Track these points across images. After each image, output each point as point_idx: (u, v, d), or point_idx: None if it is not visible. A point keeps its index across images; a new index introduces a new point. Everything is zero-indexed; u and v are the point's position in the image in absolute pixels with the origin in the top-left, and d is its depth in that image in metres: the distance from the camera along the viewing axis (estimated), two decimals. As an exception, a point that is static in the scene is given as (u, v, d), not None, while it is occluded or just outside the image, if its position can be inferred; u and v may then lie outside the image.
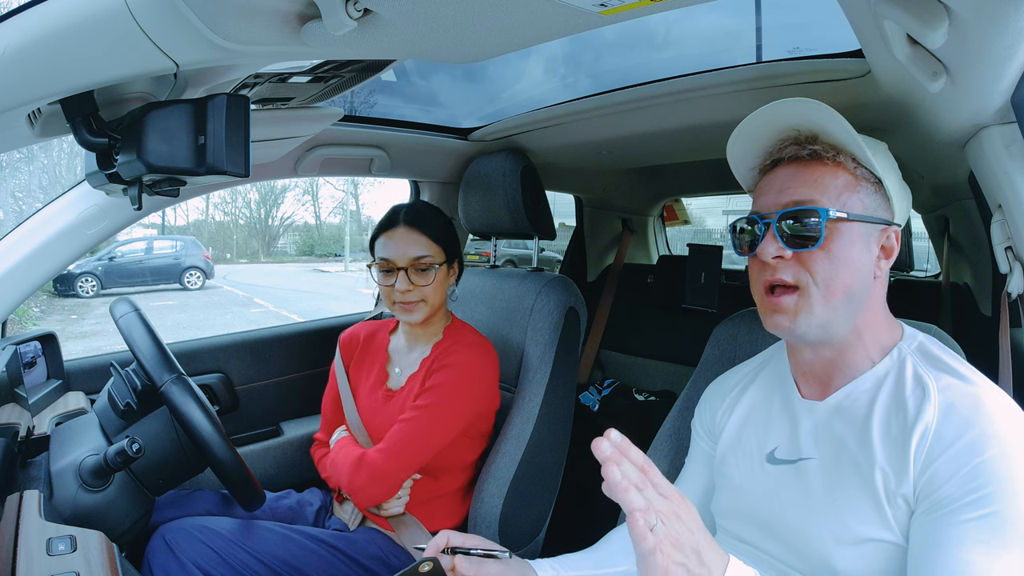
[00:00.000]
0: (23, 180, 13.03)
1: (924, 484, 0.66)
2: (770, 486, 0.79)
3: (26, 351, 1.28)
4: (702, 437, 0.96)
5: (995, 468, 0.62)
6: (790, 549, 0.76)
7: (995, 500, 0.61)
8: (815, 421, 0.78)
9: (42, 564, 0.71)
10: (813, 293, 0.72)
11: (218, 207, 24.92)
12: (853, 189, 0.74)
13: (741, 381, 0.92)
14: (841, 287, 0.72)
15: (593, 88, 1.47)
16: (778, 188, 0.77)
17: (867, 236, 0.74)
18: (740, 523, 0.83)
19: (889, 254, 0.76)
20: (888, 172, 0.77)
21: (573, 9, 0.65)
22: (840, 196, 0.73)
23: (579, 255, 2.62)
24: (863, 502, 0.69)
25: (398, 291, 1.25)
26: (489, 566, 0.78)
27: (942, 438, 0.65)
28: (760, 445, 0.83)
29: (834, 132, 0.74)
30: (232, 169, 0.78)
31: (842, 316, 0.73)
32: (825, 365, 0.78)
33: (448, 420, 1.21)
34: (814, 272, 0.72)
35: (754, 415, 0.86)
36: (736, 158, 0.84)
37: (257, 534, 1.16)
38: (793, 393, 0.82)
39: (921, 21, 0.62)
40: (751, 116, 0.79)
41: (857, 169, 0.75)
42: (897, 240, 0.76)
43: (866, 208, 0.74)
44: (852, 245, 0.72)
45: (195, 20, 0.62)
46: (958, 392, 0.67)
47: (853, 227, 0.73)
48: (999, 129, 0.85)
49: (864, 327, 0.75)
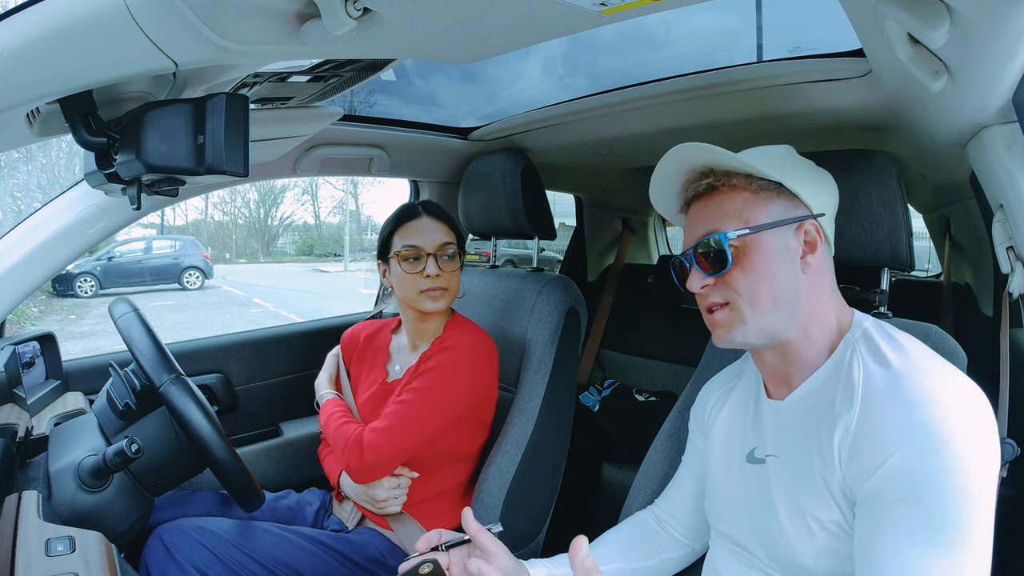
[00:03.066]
0: (22, 180, 13.02)
1: (852, 479, 0.67)
2: (746, 485, 0.82)
3: (25, 351, 1.27)
4: (697, 435, 0.97)
5: (912, 465, 0.62)
6: (765, 548, 0.78)
7: (921, 499, 0.61)
8: (776, 420, 0.80)
9: (41, 565, 0.71)
10: (741, 305, 0.76)
11: (217, 207, 24.93)
12: (753, 204, 0.77)
13: (729, 380, 0.95)
14: (766, 295, 0.75)
15: (593, 88, 1.47)
16: (691, 226, 0.82)
17: (781, 240, 0.76)
18: (727, 523, 0.85)
19: (813, 247, 0.77)
20: (788, 172, 0.79)
21: (573, 8, 0.65)
22: (741, 215, 0.77)
23: (579, 255, 2.62)
24: (816, 498, 0.71)
25: (429, 276, 1.25)
26: (488, 537, 0.83)
27: (860, 434, 0.67)
28: (741, 445, 0.85)
29: (721, 162, 0.78)
30: (231, 169, 0.78)
31: (777, 319, 0.76)
32: (782, 365, 0.80)
33: (445, 401, 1.20)
34: (737, 288, 0.76)
35: (736, 415, 0.89)
36: (659, 206, 0.91)
37: (255, 535, 1.16)
38: (763, 394, 0.85)
39: (922, 20, 0.62)
40: (656, 167, 0.85)
41: (753, 183, 0.78)
42: (818, 231, 0.78)
43: (771, 215, 0.77)
44: (766, 254, 0.76)
45: (194, 19, 0.62)
46: (878, 383, 0.68)
47: (761, 238, 0.76)
48: (1000, 129, 0.85)
49: (809, 323, 0.77)
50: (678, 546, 0.96)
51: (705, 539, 0.95)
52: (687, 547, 0.96)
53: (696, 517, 0.95)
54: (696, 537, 0.96)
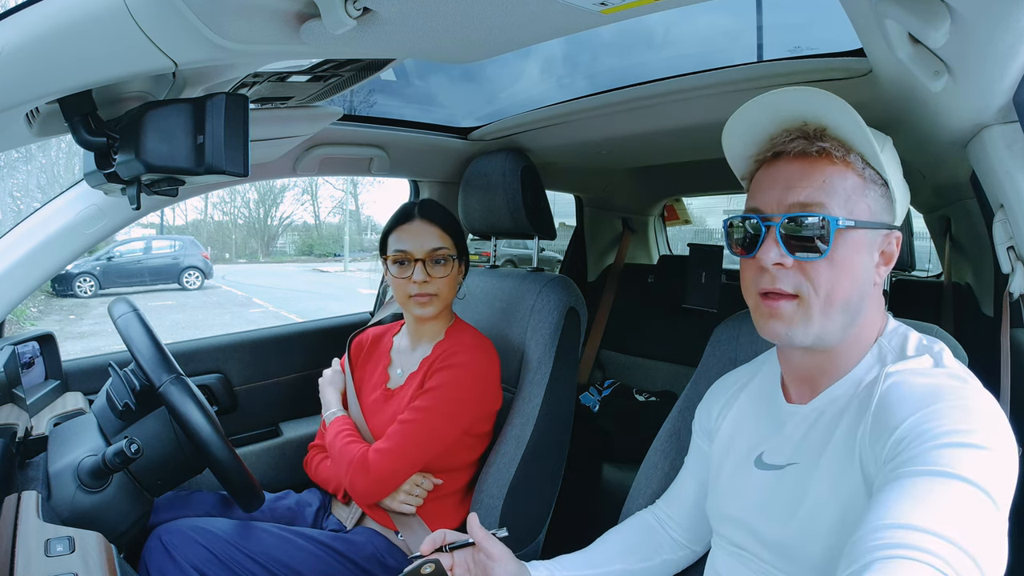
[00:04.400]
0: (21, 179, 13.01)
1: (872, 467, 0.64)
2: (757, 491, 0.78)
3: (24, 351, 1.27)
4: (700, 437, 0.95)
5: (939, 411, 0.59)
6: (778, 554, 0.75)
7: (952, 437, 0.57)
8: (797, 426, 0.76)
9: (40, 565, 0.71)
10: (813, 304, 0.69)
11: (217, 207, 24.95)
12: (861, 193, 0.70)
13: (737, 383, 0.92)
14: (841, 297, 0.69)
15: (594, 88, 1.47)
16: (783, 185, 0.71)
17: (871, 242, 0.71)
18: (731, 527, 0.83)
19: (889, 260, 0.73)
20: (894, 171, 0.74)
21: (573, 8, 0.65)
22: (848, 200, 0.69)
23: (579, 255, 2.62)
24: (842, 501, 0.68)
25: (415, 283, 1.25)
26: (493, 543, 0.82)
27: (880, 420, 0.63)
28: (750, 449, 0.82)
29: (845, 127, 0.69)
30: (231, 168, 0.78)
31: (838, 325, 0.71)
32: (813, 369, 0.76)
33: (449, 422, 1.21)
34: (816, 283, 0.69)
35: (746, 419, 0.86)
36: (733, 143, 0.78)
37: (254, 535, 1.16)
38: (780, 398, 0.81)
39: (923, 20, 0.62)
40: (753, 101, 0.73)
41: (865, 170, 0.70)
42: (898, 245, 0.73)
43: (872, 213, 0.70)
44: (856, 253, 0.69)
45: (194, 19, 0.62)
46: (901, 377, 0.65)
47: (858, 234, 0.69)
48: (1001, 128, 0.84)
49: (860, 332, 0.73)
50: (678, 547, 0.96)
51: (705, 541, 0.94)
52: (687, 549, 0.96)
53: (697, 519, 0.94)
54: (696, 539, 0.95)
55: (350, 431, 1.27)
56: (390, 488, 1.19)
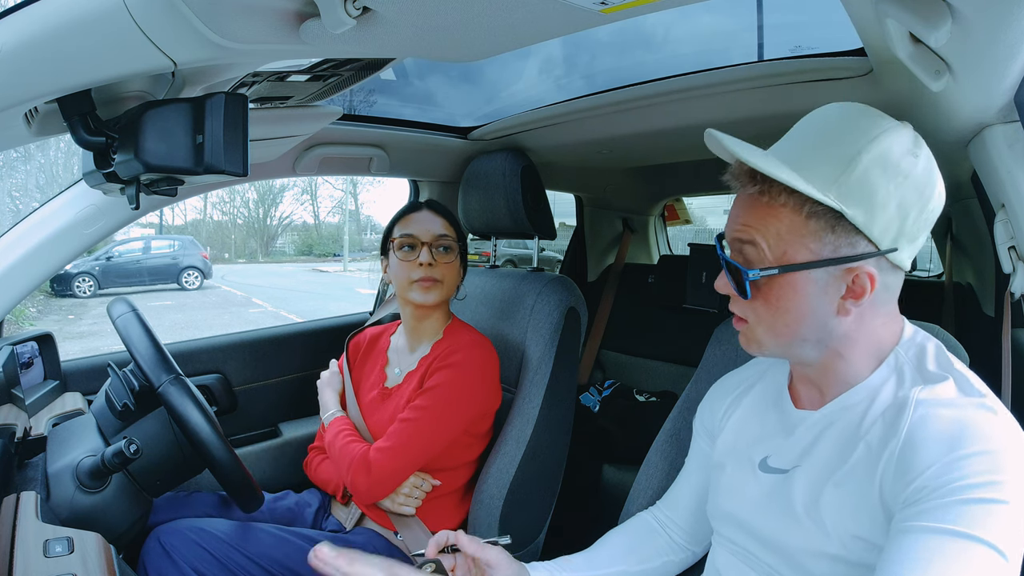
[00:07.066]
0: (20, 179, 13.01)
1: (892, 496, 0.63)
2: (761, 494, 0.78)
3: (23, 351, 1.27)
4: (702, 437, 0.95)
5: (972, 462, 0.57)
6: (779, 557, 0.75)
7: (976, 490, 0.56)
8: (806, 432, 0.75)
9: (39, 566, 0.71)
10: (759, 331, 0.70)
11: (216, 206, 24.93)
12: (796, 233, 0.65)
13: (743, 384, 0.91)
14: (785, 332, 0.68)
15: (594, 88, 1.47)
16: (731, 218, 0.71)
17: (821, 280, 0.66)
18: (732, 528, 0.82)
19: (858, 295, 0.65)
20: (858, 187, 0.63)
21: (573, 7, 0.65)
22: (780, 243, 0.66)
23: (579, 255, 2.62)
24: (850, 524, 0.67)
25: (421, 265, 1.25)
26: (489, 551, 0.80)
27: (906, 458, 0.61)
28: (754, 451, 0.81)
29: (759, 166, 0.64)
30: (230, 168, 0.78)
31: (801, 349, 0.69)
32: (818, 376, 0.74)
33: (449, 420, 1.20)
34: (756, 316, 0.70)
35: (751, 420, 0.85)
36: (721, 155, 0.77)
37: (253, 536, 1.15)
38: (787, 401, 0.80)
39: (924, 19, 0.62)
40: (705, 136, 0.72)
41: (805, 206, 0.64)
42: (870, 279, 0.65)
43: (816, 252, 0.65)
44: (795, 294, 0.66)
45: (193, 18, 0.61)
46: (929, 410, 0.63)
47: (795, 277, 0.66)
48: (1002, 128, 0.84)
49: (844, 350, 0.70)
50: (679, 549, 0.95)
51: (705, 542, 0.94)
52: (688, 551, 0.95)
53: (697, 521, 0.93)
54: (696, 541, 0.95)
55: (350, 431, 1.27)
56: (391, 487, 1.19)
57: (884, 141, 0.65)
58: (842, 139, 0.66)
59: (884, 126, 0.66)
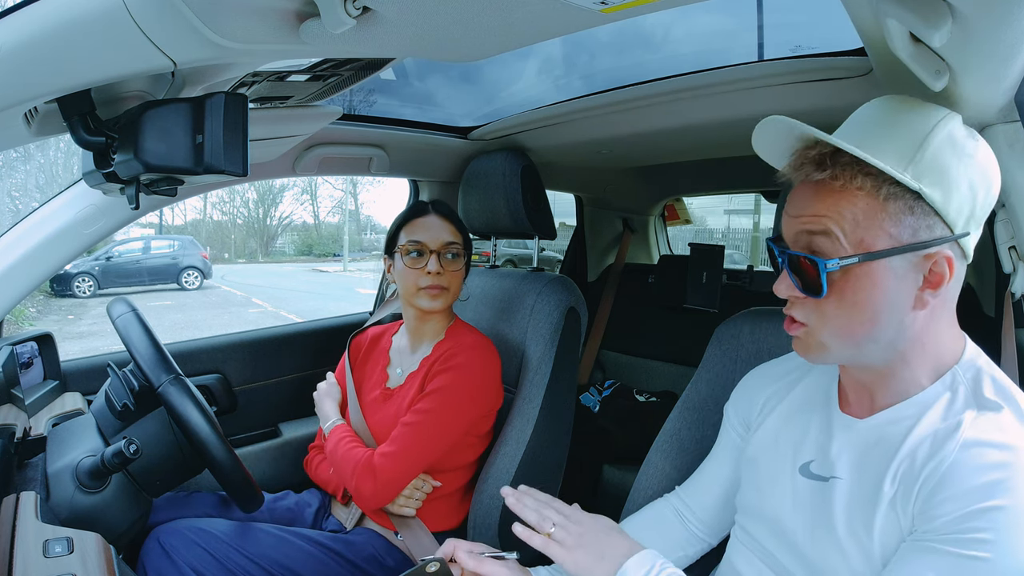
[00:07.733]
0: (20, 179, 13.01)
1: (917, 516, 0.62)
2: (797, 498, 0.75)
3: (23, 351, 1.27)
4: (735, 427, 0.90)
5: (998, 516, 0.56)
6: (802, 563, 0.73)
7: (989, 547, 0.56)
8: (851, 441, 0.71)
9: (39, 566, 0.71)
10: (824, 335, 0.66)
11: (216, 206, 24.92)
12: (875, 217, 0.62)
13: (785, 376, 0.86)
14: (859, 333, 0.64)
15: (594, 88, 1.47)
16: (794, 212, 0.67)
17: (900, 269, 0.62)
18: (758, 524, 0.80)
19: (937, 283, 0.62)
20: (935, 169, 0.62)
21: (573, 7, 0.65)
22: (857, 229, 0.62)
23: (579, 255, 2.62)
24: (877, 525, 0.65)
25: (430, 273, 1.25)
26: (488, 565, 0.78)
27: (947, 479, 0.60)
28: (795, 453, 0.77)
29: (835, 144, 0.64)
30: (230, 168, 0.78)
31: (869, 352, 0.66)
32: (869, 382, 0.71)
33: (453, 422, 1.20)
34: (825, 317, 0.65)
35: (793, 420, 0.80)
36: (767, 156, 0.75)
37: (253, 536, 1.15)
38: (834, 406, 0.76)
39: (924, 19, 0.61)
40: (759, 125, 0.70)
41: (883, 188, 0.61)
42: (949, 264, 0.62)
43: (895, 237, 0.62)
44: (873, 287, 0.63)
45: (193, 18, 0.61)
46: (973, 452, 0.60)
47: (872, 267, 0.62)
48: (1003, 128, 0.84)
49: (911, 352, 0.66)
50: (696, 541, 0.93)
51: (723, 534, 0.92)
52: (704, 542, 0.93)
53: (719, 513, 0.90)
54: (715, 533, 0.92)
55: (352, 437, 1.27)
56: (397, 491, 1.19)
57: (948, 124, 0.64)
58: (908, 123, 0.64)
59: (943, 111, 0.66)
